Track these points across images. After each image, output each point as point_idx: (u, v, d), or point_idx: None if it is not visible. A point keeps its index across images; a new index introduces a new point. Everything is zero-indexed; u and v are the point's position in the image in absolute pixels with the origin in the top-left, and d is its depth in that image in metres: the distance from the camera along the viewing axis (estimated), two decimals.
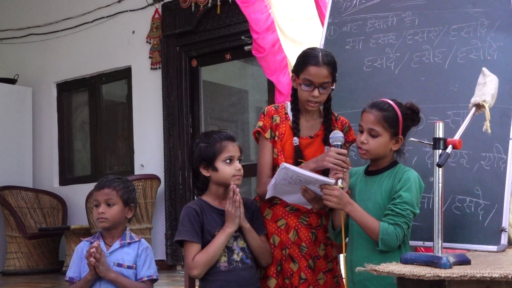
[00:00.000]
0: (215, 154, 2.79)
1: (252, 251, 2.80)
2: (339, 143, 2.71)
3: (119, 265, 2.93)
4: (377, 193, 2.66)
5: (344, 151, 2.70)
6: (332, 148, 2.71)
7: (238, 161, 2.81)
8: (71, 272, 3.00)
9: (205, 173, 2.82)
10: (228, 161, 2.79)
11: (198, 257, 2.72)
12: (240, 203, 2.73)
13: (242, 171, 2.80)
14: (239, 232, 2.79)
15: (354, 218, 2.60)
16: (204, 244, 2.75)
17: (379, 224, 2.55)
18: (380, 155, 2.69)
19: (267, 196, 2.79)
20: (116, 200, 2.97)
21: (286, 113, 2.95)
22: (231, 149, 2.80)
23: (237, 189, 2.73)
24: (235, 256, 2.76)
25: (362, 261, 2.36)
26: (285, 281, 2.84)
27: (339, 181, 2.63)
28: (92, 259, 2.83)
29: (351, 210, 2.59)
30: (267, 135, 2.91)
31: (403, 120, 2.65)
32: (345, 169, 2.66)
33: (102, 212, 2.95)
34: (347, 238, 2.73)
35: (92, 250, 2.83)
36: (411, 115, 2.68)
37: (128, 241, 3.00)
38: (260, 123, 2.94)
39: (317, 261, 2.87)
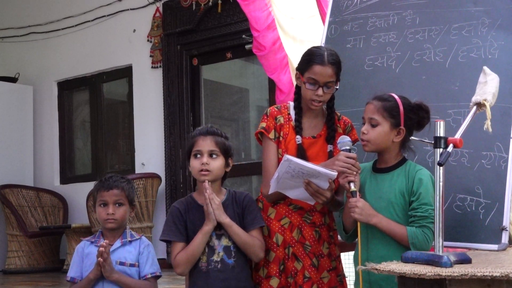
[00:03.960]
0: (189, 149, 2.82)
1: (239, 246, 2.77)
2: (348, 148, 2.70)
3: (122, 263, 2.93)
4: (390, 192, 2.64)
5: (353, 154, 2.68)
6: (341, 152, 2.70)
7: (212, 156, 2.77)
8: (72, 272, 2.99)
9: (189, 167, 2.86)
10: (197, 155, 2.78)
11: (179, 256, 2.75)
12: (210, 199, 2.70)
13: (210, 165, 2.75)
14: (224, 230, 2.77)
15: (381, 229, 2.60)
16: (189, 242, 2.76)
17: (406, 229, 2.56)
18: (381, 146, 2.67)
19: (270, 191, 2.78)
20: (124, 201, 2.98)
21: (289, 114, 2.95)
22: (200, 143, 2.78)
23: (207, 185, 2.71)
24: (214, 257, 2.75)
25: (379, 260, 2.34)
26: (288, 280, 2.83)
27: (352, 185, 2.62)
28: (100, 258, 2.82)
29: (377, 222, 2.59)
30: (271, 135, 2.90)
31: (404, 111, 2.64)
32: (355, 173, 2.65)
33: (112, 213, 2.94)
34: (357, 238, 2.71)
35: (101, 249, 2.82)
36: (416, 109, 2.65)
37: (129, 239, 2.99)
38: (263, 124, 2.93)
39: (321, 260, 2.86)
